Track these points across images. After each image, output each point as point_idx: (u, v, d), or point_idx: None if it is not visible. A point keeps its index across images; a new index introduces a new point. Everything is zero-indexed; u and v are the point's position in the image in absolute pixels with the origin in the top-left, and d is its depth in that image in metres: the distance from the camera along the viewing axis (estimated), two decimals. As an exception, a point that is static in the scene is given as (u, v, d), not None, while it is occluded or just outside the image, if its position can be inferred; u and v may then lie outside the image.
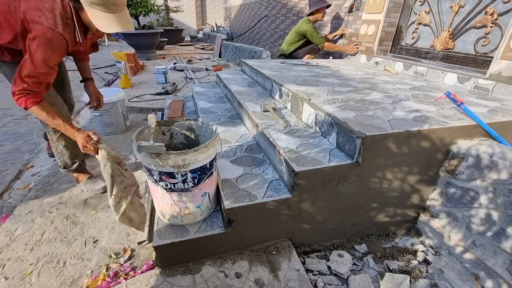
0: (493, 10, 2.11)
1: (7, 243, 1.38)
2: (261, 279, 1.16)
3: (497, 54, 1.98)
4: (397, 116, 1.45)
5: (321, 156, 1.29)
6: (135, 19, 6.21)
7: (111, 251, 1.36)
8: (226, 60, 6.57)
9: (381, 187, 1.38)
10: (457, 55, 2.44)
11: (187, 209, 1.18)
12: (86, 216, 1.57)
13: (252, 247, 1.30)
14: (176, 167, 1.04)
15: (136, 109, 3.19)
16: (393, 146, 1.27)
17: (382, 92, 1.95)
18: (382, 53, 3.18)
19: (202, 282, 1.13)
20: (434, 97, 1.86)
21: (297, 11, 4.99)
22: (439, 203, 1.47)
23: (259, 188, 1.28)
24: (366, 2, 3.14)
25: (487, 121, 1.40)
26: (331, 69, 2.82)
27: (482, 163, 1.28)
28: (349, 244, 1.49)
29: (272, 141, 1.43)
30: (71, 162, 1.69)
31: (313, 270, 1.30)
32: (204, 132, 1.38)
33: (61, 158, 1.66)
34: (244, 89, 2.39)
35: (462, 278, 1.27)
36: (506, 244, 1.18)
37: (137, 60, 5.00)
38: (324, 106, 1.55)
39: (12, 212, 1.59)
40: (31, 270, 1.24)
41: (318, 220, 1.36)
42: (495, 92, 1.99)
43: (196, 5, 11.95)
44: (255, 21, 6.95)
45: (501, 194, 1.21)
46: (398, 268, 1.32)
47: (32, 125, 2.78)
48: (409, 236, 1.55)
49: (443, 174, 1.44)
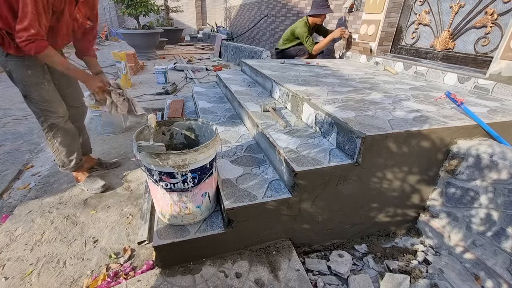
0: (493, 10, 2.11)
1: (7, 243, 1.38)
2: (261, 279, 1.16)
3: (497, 54, 1.98)
4: (397, 116, 1.45)
5: (321, 156, 1.29)
6: (135, 19, 6.21)
7: (111, 251, 1.36)
8: (226, 60, 6.57)
9: (381, 187, 1.38)
10: (457, 55, 2.44)
11: (187, 209, 1.18)
12: (86, 216, 1.57)
13: (252, 247, 1.30)
14: (176, 167, 1.04)
15: (136, 109, 3.19)
16: (393, 146, 1.27)
17: (382, 92, 1.95)
18: (382, 53, 3.18)
19: (202, 282, 1.13)
20: (434, 97, 1.86)
21: (297, 11, 4.99)
22: (439, 203, 1.47)
23: (259, 188, 1.28)
24: (366, 2, 3.14)
25: (487, 121, 1.40)
26: (331, 69, 2.82)
27: (482, 163, 1.28)
28: (349, 244, 1.49)
29: (272, 141, 1.43)
30: (68, 160, 1.68)
31: (313, 270, 1.30)
32: (204, 132, 1.38)
33: (58, 156, 1.66)
34: (244, 89, 2.39)
35: (462, 278, 1.27)
36: (506, 244, 1.18)
37: (137, 60, 5.00)
38: (324, 106, 1.55)
39: (12, 212, 1.59)
40: (31, 270, 1.24)
41: (318, 220, 1.36)
42: (495, 92, 1.98)
43: (196, 5, 11.95)
44: (255, 21, 6.94)
45: (501, 194, 1.21)
46: (398, 268, 1.32)
47: (32, 125, 2.78)
48: (409, 236, 1.55)
49: (443, 174, 1.44)
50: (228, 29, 9.51)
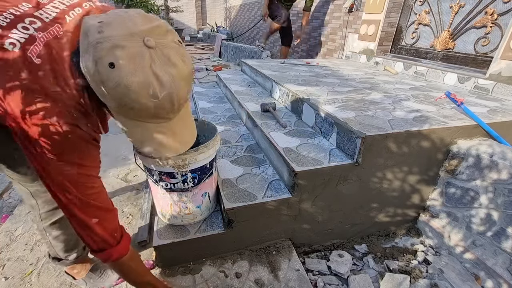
0: (493, 10, 2.11)
1: (7, 243, 1.38)
2: (261, 279, 1.16)
3: (497, 54, 1.98)
4: (397, 116, 1.45)
5: (321, 156, 1.29)
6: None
7: (111, 251, 1.36)
8: (226, 60, 6.56)
9: (381, 187, 1.38)
10: (457, 55, 2.44)
11: (187, 209, 1.18)
12: (86, 216, 1.57)
13: (252, 247, 1.30)
14: (176, 167, 1.04)
15: (136, 109, 3.18)
16: (393, 146, 1.27)
17: (382, 92, 1.95)
18: (382, 53, 3.18)
19: (202, 282, 1.13)
20: (434, 97, 1.86)
21: (297, 11, 4.99)
22: (439, 203, 1.47)
23: (259, 188, 1.28)
24: (366, 2, 3.14)
25: (487, 121, 1.40)
26: (331, 69, 2.82)
27: (482, 163, 1.28)
28: (349, 244, 1.49)
29: (272, 141, 1.43)
30: (64, 254, 1.07)
31: (313, 270, 1.30)
32: (204, 132, 1.38)
33: (51, 249, 1.06)
34: (244, 89, 2.39)
35: (462, 278, 1.27)
36: (506, 244, 1.18)
37: (137, 60, 5.00)
38: (324, 106, 1.55)
39: (12, 212, 1.59)
40: (31, 270, 1.24)
41: (318, 220, 1.36)
42: (495, 92, 1.98)
43: (196, 5, 11.95)
44: (255, 21, 6.95)
45: (501, 194, 1.21)
46: (398, 268, 1.32)
47: (32, 125, 2.78)
48: (409, 236, 1.55)
49: (443, 174, 1.44)
50: (228, 29, 9.52)
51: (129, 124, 0.67)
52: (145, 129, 0.68)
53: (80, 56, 0.57)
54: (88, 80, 0.59)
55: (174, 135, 0.74)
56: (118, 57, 0.55)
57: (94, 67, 0.55)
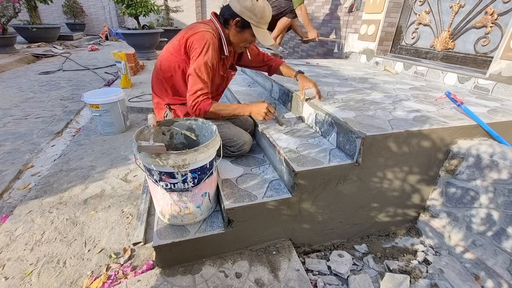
0: (493, 10, 2.11)
1: (7, 243, 1.38)
2: (261, 279, 1.16)
3: (497, 54, 1.98)
4: (397, 116, 1.45)
5: (321, 156, 1.29)
6: (135, 19, 6.21)
7: (111, 251, 1.36)
8: (226, 60, 6.55)
9: (381, 187, 1.38)
10: (457, 55, 2.44)
11: (187, 209, 1.18)
12: (86, 216, 1.57)
13: (252, 247, 1.30)
14: (176, 167, 1.04)
15: (136, 109, 3.19)
16: (393, 146, 1.27)
17: (382, 92, 1.95)
18: (382, 53, 3.18)
19: (202, 282, 1.13)
20: (434, 97, 1.86)
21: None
22: (439, 203, 1.47)
23: (259, 188, 1.28)
24: (366, 2, 3.14)
25: (487, 121, 1.40)
26: (331, 69, 2.82)
27: (482, 163, 1.27)
28: (349, 244, 1.49)
29: (272, 141, 1.43)
30: None
31: (313, 270, 1.30)
32: (204, 132, 1.38)
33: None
34: (244, 89, 2.39)
35: (462, 278, 1.27)
36: (506, 244, 1.18)
37: (137, 60, 4.99)
38: (324, 106, 1.55)
39: (12, 212, 1.59)
40: (31, 270, 1.24)
41: (318, 220, 1.36)
42: (495, 92, 1.98)
43: (196, 5, 11.95)
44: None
45: (501, 194, 1.21)
46: (398, 268, 1.32)
47: (32, 125, 2.78)
48: (409, 236, 1.55)
49: (443, 174, 1.44)
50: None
51: (259, 32, 1.39)
52: (263, 31, 1.42)
53: (231, 6, 1.38)
54: (241, 11, 1.35)
55: (268, 35, 1.46)
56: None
57: (251, 4, 1.33)
